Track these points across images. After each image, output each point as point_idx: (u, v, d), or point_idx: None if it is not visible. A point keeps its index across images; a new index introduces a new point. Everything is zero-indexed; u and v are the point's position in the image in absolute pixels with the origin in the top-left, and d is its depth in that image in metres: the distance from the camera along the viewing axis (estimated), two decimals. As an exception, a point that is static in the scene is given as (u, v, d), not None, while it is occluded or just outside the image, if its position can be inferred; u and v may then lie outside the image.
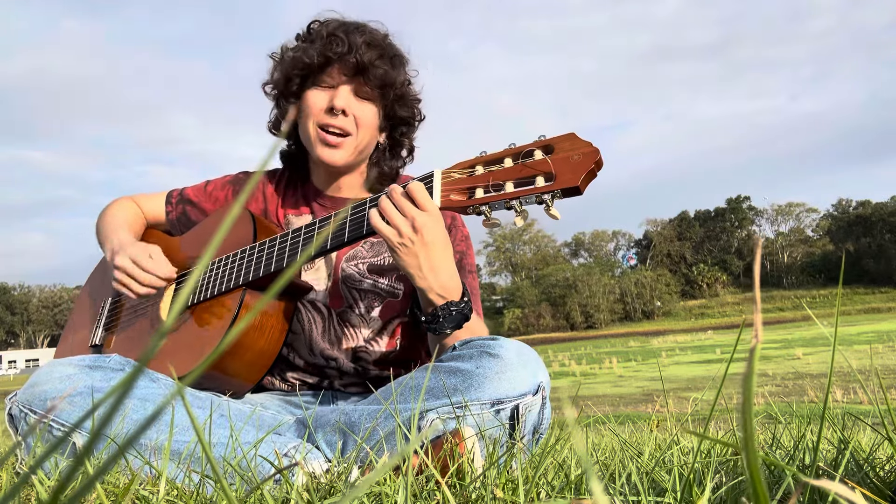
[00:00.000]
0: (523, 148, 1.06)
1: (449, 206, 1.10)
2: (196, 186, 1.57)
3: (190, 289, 0.21)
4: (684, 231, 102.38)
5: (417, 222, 1.09)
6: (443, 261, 1.12)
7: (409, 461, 0.65)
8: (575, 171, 0.99)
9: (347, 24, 1.34)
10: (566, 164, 1.00)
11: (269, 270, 1.25)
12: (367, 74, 1.30)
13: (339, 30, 1.31)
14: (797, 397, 11.71)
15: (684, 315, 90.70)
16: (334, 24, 1.34)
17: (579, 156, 1.00)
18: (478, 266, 1.61)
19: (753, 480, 0.22)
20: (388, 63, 1.32)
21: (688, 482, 0.63)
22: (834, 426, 0.98)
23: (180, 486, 0.76)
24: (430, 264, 1.11)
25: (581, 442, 0.22)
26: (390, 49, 1.35)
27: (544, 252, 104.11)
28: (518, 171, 1.05)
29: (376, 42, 1.32)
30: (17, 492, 0.68)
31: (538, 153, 1.04)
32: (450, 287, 1.14)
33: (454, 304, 1.15)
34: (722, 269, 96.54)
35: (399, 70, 1.35)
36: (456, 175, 1.11)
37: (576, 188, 0.98)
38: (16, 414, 1.09)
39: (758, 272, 0.25)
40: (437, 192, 1.11)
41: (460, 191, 1.10)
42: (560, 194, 1.00)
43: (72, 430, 0.19)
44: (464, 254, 1.42)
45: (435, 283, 1.12)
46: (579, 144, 1.01)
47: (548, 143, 1.04)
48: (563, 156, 1.01)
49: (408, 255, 1.11)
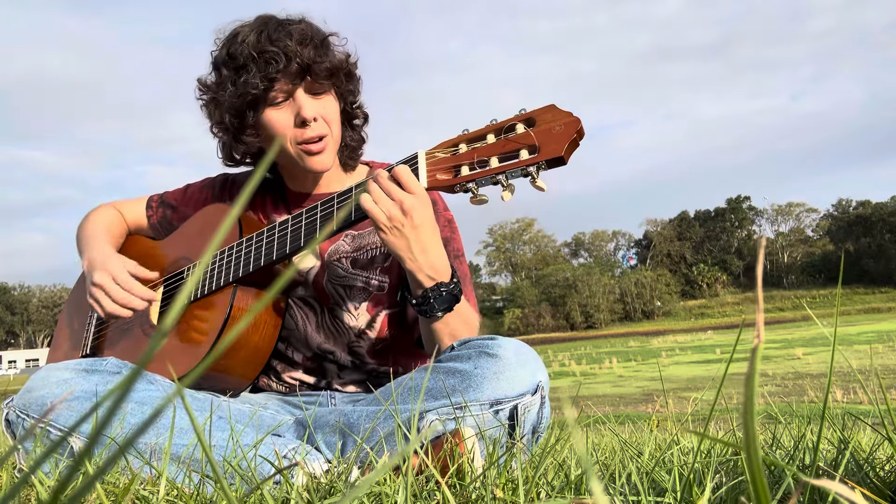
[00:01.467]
0: (505, 123, 1.07)
1: (435, 185, 1.11)
2: (176, 190, 1.57)
3: (188, 293, 0.21)
4: (684, 231, 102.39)
5: (406, 205, 1.10)
6: (432, 242, 1.13)
7: (409, 461, 0.65)
8: (558, 142, 1.00)
9: (265, 28, 1.25)
10: (549, 136, 1.01)
11: (258, 265, 1.25)
12: (314, 72, 1.25)
13: (265, 42, 1.22)
14: (797, 397, 11.71)
15: (684, 315, 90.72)
16: (251, 37, 1.23)
17: (561, 126, 1.01)
18: (478, 266, 1.59)
19: (754, 480, 0.22)
20: (323, 49, 1.27)
21: (688, 482, 0.63)
22: (834, 426, 0.98)
23: (180, 486, 0.76)
24: (420, 246, 1.12)
25: (581, 442, 0.22)
26: (316, 33, 1.28)
27: (544, 252, 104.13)
28: (502, 145, 1.06)
29: (304, 34, 1.25)
30: (18, 491, 0.68)
31: (520, 127, 1.05)
32: (439, 268, 1.14)
33: (444, 285, 1.15)
34: (722, 269, 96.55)
35: (333, 50, 1.30)
36: (440, 155, 1.12)
37: (560, 158, 1.00)
38: (13, 419, 1.08)
39: (760, 272, 0.25)
40: (423, 173, 1.11)
41: (446, 170, 1.10)
42: (545, 165, 1.02)
43: (70, 432, 0.19)
44: (449, 238, 1.40)
45: (425, 264, 1.13)
46: (560, 115, 1.02)
47: (529, 116, 1.05)
48: (545, 127, 1.02)
49: (399, 237, 1.12)
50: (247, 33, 1.25)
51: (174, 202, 1.55)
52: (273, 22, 1.27)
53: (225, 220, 1.19)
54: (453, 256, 1.38)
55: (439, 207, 1.43)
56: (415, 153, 1.15)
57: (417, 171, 1.12)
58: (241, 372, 1.29)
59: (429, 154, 1.13)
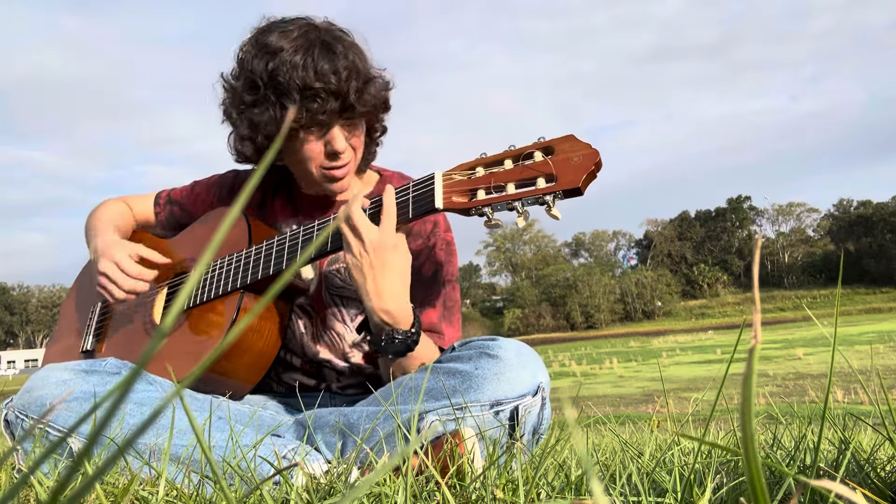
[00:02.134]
0: (524, 150, 1.07)
1: (451, 207, 1.10)
2: (183, 188, 1.57)
3: (188, 291, 0.20)
4: (685, 231, 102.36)
5: (367, 245, 1.10)
6: (390, 287, 1.11)
7: (409, 462, 0.65)
8: (576, 173, 1.00)
9: (311, 52, 1.17)
10: (567, 166, 1.01)
11: (267, 273, 1.25)
12: (356, 111, 1.21)
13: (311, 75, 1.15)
14: (798, 398, 11.70)
15: (685, 315, 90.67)
16: (298, 60, 1.16)
17: (579, 157, 1.01)
18: (478, 266, 1.58)
19: (753, 481, 0.22)
20: (367, 87, 1.22)
21: (688, 483, 0.63)
22: (835, 426, 0.97)
23: (180, 486, 0.76)
24: (375, 287, 1.10)
25: (581, 442, 0.22)
26: (361, 66, 1.22)
27: (544, 252, 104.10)
28: (519, 172, 1.05)
29: (351, 70, 1.19)
30: (17, 491, 0.68)
31: (538, 155, 1.05)
32: (395, 315, 1.12)
33: (398, 332, 1.13)
34: (723, 269, 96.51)
35: (373, 78, 1.25)
36: (457, 177, 1.11)
37: (577, 189, 1.00)
38: (12, 420, 1.08)
39: (756, 272, 0.25)
40: (440, 193, 1.11)
41: (462, 192, 1.10)
42: (561, 195, 1.01)
43: (69, 433, 0.19)
44: (443, 262, 1.37)
45: (378, 308, 1.11)
46: (579, 146, 1.02)
47: (548, 144, 1.05)
48: (564, 157, 1.02)
49: (357, 273, 1.12)
50: (290, 53, 1.17)
51: (182, 200, 1.55)
52: (319, 43, 1.19)
53: (234, 223, 1.19)
54: (445, 281, 1.36)
55: (440, 228, 1.39)
56: (431, 174, 1.14)
57: (433, 192, 1.11)
58: (243, 377, 1.29)
59: (445, 175, 1.12)
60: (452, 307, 1.36)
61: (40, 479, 0.74)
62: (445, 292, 1.36)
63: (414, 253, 1.35)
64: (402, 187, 1.16)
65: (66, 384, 1.08)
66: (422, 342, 1.18)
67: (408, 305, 1.14)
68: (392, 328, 1.12)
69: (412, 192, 1.14)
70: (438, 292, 1.35)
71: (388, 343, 1.13)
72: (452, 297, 1.36)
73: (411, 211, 1.13)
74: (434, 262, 1.36)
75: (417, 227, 1.37)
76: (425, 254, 1.36)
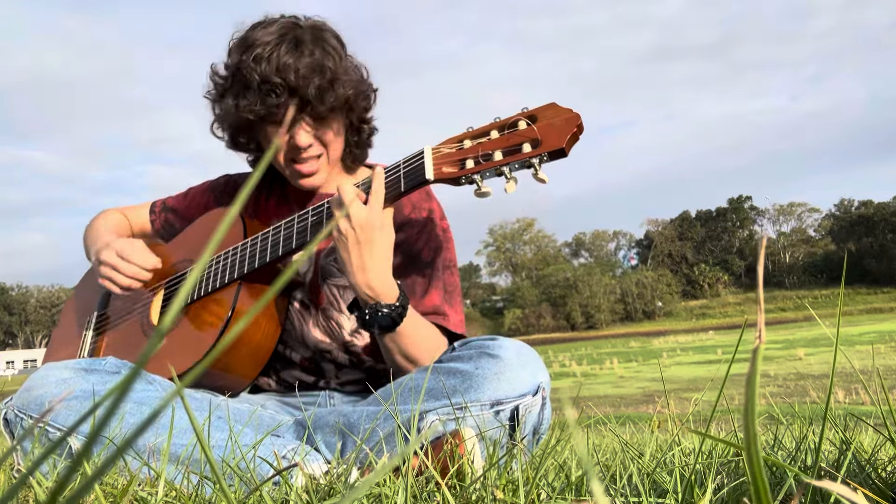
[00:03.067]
0: (508, 120, 1.11)
1: (441, 177, 1.13)
2: (178, 195, 1.59)
3: (188, 289, 0.20)
4: (685, 231, 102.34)
5: (354, 220, 1.13)
6: (374, 262, 1.14)
7: (409, 462, 0.65)
8: (559, 135, 1.04)
9: (279, 47, 1.19)
10: (550, 130, 1.05)
11: (263, 262, 1.27)
12: (315, 107, 1.21)
13: (272, 69, 1.18)
14: (799, 398, 11.70)
15: (685, 315, 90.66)
16: (264, 53, 1.18)
17: (562, 121, 1.05)
18: (478, 266, 1.58)
19: (755, 481, 0.22)
20: (330, 84, 1.21)
21: (689, 483, 0.63)
22: (836, 427, 0.97)
23: (179, 487, 0.76)
24: (360, 262, 1.13)
25: (582, 443, 0.22)
26: (328, 56, 1.22)
27: (545, 252, 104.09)
28: (505, 140, 1.09)
29: (314, 67, 1.19)
30: (16, 492, 0.68)
31: (522, 123, 1.08)
32: (378, 290, 1.15)
33: (383, 306, 1.15)
34: (723, 270, 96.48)
35: (346, 75, 1.25)
36: (445, 150, 1.15)
37: (561, 150, 1.04)
38: (11, 419, 1.08)
39: (761, 272, 0.25)
40: (430, 166, 1.13)
41: (451, 163, 1.13)
42: (547, 157, 1.05)
43: (69, 432, 0.19)
44: (441, 248, 1.38)
45: (362, 282, 1.14)
46: (561, 111, 1.06)
47: (531, 113, 1.09)
48: (547, 122, 1.06)
49: (343, 249, 1.15)
50: (262, 46, 1.20)
51: (177, 207, 1.57)
52: (290, 38, 1.21)
53: (228, 222, 1.21)
54: (443, 267, 1.37)
55: (436, 216, 1.41)
56: (421, 149, 1.16)
57: (424, 165, 1.13)
58: (241, 370, 1.29)
59: (434, 149, 1.15)
60: (453, 291, 1.37)
61: (39, 479, 0.74)
62: (445, 277, 1.37)
63: (412, 239, 1.37)
64: (393, 164, 1.18)
65: (66, 383, 1.08)
66: (415, 322, 1.20)
67: (392, 281, 1.17)
68: (376, 302, 1.15)
69: (403, 168, 1.17)
70: (439, 277, 1.36)
71: (373, 316, 1.16)
72: (452, 281, 1.38)
73: (403, 184, 1.15)
74: (432, 248, 1.38)
75: (414, 215, 1.39)
76: (423, 240, 1.38)
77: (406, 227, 1.38)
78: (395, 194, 1.16)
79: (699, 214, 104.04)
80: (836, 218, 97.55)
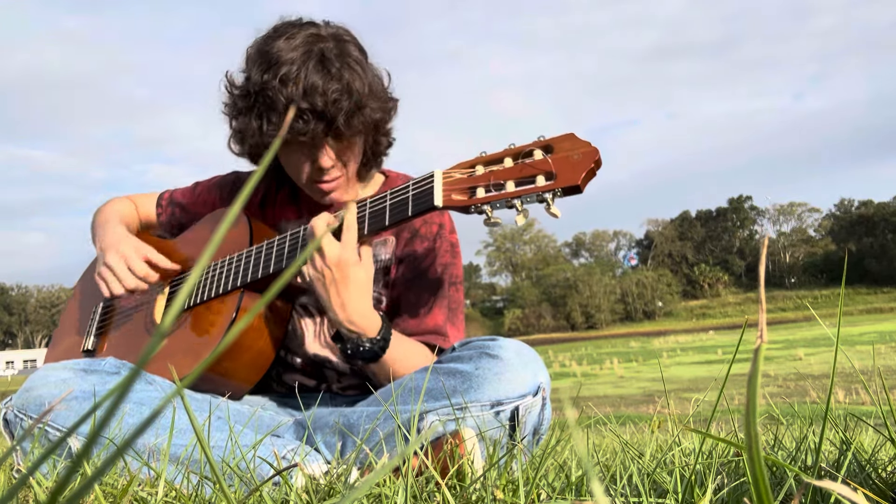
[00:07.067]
0: (523, 148, 1.07)
1: (450, 205, 1.10)
2: (185, 189, 1.57)
3: (188, 290, 0.20)
4: (686, 231, 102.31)
5: (328, 259, 1.12)
6: (352, 299, 1.13)
7: (409, 462, 0.65)
8: (575, 170, 1.00)
9: (306, 65, 1.15)
10: (566, 163, 1.01)
11: (267, 272, 1.25)
12: (346, 130, 1.19)
13: (299, 92, 1.14)
14: (799, 398, 11.69)
15: (686, 315, 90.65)
16: (292, 73, 1.14)
17: (579, 155, 1.01)
18: (478, 266, 1.57)
19: (756, 481, 0.22)
20: (358, 101, 1.18)
21: (689, 483, 0.63)
22: (836, 427, 0.97)
23: (179, 487, 0.76)
24: (339, 300, 1.13)
25: (582, 443, 0.22)
26: (356, 76, 1.18)
27: (545, 252, 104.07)
28: (518, 170, 1.05)
29: (343, 92, 1.16)
30: (16, 492, 0.68)
31: (538, 153, 1.05)
32: (360, 324, 1.15)
33: (365, 340, 1.16)
34: (724, 270, 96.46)
35: (373, 98, 1.21)
36: (457, 175, 1.11)
37: (576, 186, 1.00)
38: (11, 419, 1.08)
39: (763, 273, 0.25)
40: (439, 191, 1.11)
41: (461, 190, 1.10)
42: (561, 193, 1.01)
43: (69, 433, 0.19)
44: (448, 265, 1.36)
45: (343, 319, 1.14)
46: (578, 144, 1.02)
47: (547, 143, 1.05)
48: (563, 155, 1.02)
49: (318, 286, 1.14)
50: (287, 65, 1.15)
51: (184, 201, 1.55)
52: (316, 55, 1.16)
53: (235, 224, 1.20)
54: (449, 284, 1.36)
55: (445, 230, 1.38)
56: (431, 172, 1.13)
57: (433, 190, 1.10)
58: (243, 376, 1.29)
59: (445, 174, 1.12)
60: (456, 309, 1.36)
61: (39, 479, 0.74)
62: (450, 294, 1.35)
63: (420, 255, 1.36)
64: (401, 186, 1.16)
65: (66, 383, 1.08)
66: (401, 349, 1.20)
67: (373, 314, 1.16)
68: (358, 336, 1.15)
69: (412, 191, 1.14)
70: (444, 295, 1.34)
71: (356, 351, 1.16)
72: (456, 298, 1.36)
73: (411, 209, 1.12)
74: (440, 264, 1.36)
75: (424, 229, 1.36)
76: (431, 256, 1.36)
77: (415, 240, 1.36)
78: (401, 218, 1.13)
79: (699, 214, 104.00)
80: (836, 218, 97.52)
